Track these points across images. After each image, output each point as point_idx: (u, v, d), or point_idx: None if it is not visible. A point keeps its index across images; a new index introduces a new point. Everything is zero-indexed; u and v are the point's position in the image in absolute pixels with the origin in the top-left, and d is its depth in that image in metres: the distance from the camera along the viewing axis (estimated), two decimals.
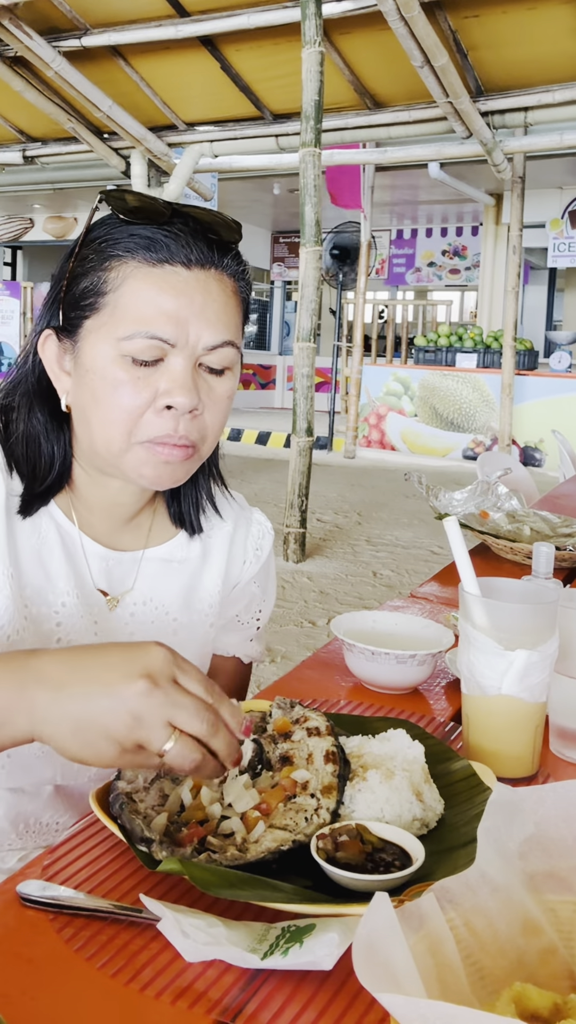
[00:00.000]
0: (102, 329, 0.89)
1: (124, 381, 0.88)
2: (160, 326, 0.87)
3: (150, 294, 0.87)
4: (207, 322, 0.89)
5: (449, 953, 0.51)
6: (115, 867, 0.73)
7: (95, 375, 0.90)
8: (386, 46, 6.48)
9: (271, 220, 14.62)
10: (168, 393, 0.89)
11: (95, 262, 0.90)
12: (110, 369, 0.89)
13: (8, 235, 15.17)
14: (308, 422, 5.13)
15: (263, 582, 1.18)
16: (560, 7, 6.08)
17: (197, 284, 0.89)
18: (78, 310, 0.91)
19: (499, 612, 0.90)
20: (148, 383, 0.89)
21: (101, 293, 0.89)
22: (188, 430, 0.91)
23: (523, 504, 1.99)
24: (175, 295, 0.88)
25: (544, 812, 0.57)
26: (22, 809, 0.98)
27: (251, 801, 0.75)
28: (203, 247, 0.90)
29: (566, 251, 10.38)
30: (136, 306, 0.87)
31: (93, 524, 1.01)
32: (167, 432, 0.90)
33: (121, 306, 0.88)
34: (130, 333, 0.87)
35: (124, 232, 0.89)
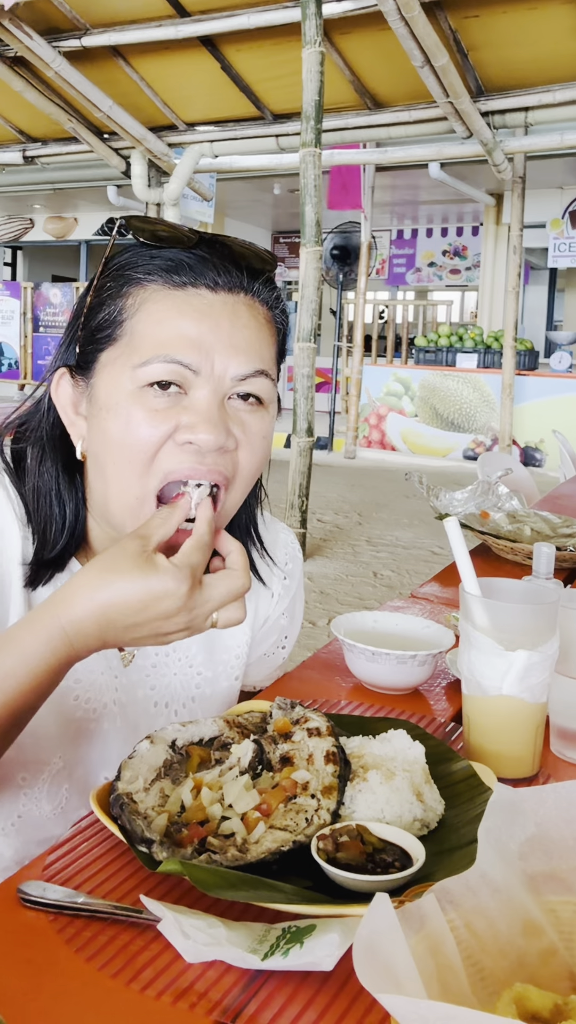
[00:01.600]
0: (118, 360, 0.80)
1: (141, 418, 0.78)
2: (181, 350, 0.78)
3: (169, 316, 0.79)
4: (235, 349, 0.80)
5: (450, 954, 0.51)
6: (115, 868, 0.73)
7: (110, 413, 0.80)
8: (386, 46, 6.48)
9: (271, 220, 14.61)
10: (191, 427, 0.78)
11: (112, 290, 0.82)
12: (125, 405, 0.79)
13: (8, 235, 15.17)
14: (308, 422, 5.13)
15: (292, 611, 1.10)
16: (560, 7, 6.08)
17: (224, 309, 0.80)
18: (93, 343, 0.82)
19: (500, 612, 0.90)
20: (168, 416, 0.79)
21: (118, 322, 0.80)
22: (218, 463, 0.80)
23: (524, 504, 1.99)
24: (198, 319, 0.79)
25: (545, 813, 0.57)
26: (30, 852, 0.94)
27: (251, 802, 0.75)
28: (231, 270, 0.81)
29: (566, 251, 10.38)
30: (155, 330, 0.79)
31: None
32: (190, 465, 0.79)
33: (139, 332, 0.79)
34: (147, 358, 0.78)
35: (145, 256, 0.82)
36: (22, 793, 0.91)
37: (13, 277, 16.24)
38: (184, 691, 1.00)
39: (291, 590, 1.09)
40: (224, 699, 1.05)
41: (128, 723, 0.97)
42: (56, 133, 8.99)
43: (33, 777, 0.91)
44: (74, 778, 0.94)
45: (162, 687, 0.98)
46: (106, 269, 0.84)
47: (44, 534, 0.88)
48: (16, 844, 0.93)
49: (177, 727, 0.85)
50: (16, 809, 0.91)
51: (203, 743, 0.85)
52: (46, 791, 0.92)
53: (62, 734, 0.92)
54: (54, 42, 7.20)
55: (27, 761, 0.90)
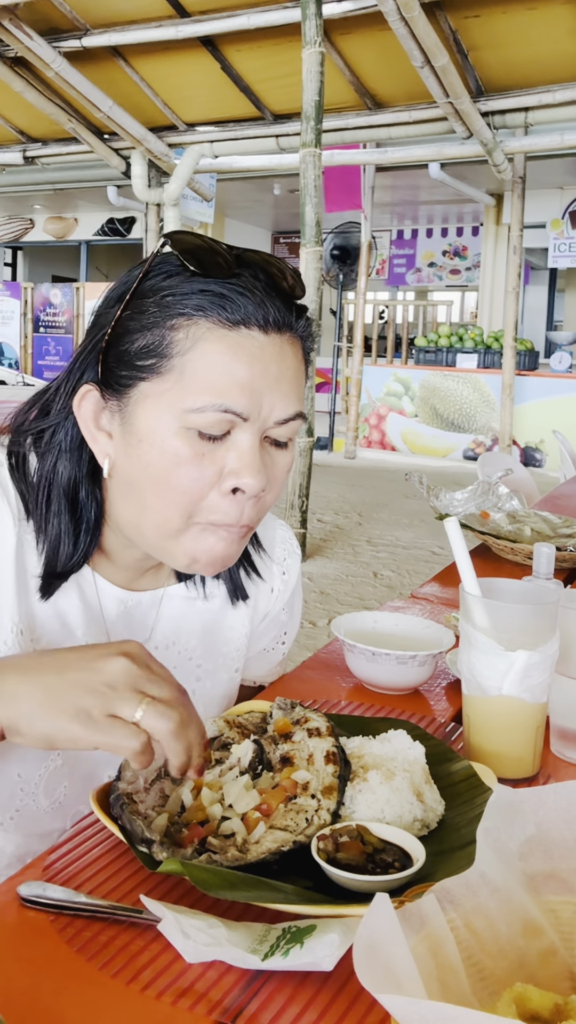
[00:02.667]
0: (165, 396, 0.79)
1: (186, 457, 0.79)
2: (234, 399, 0.78)
3: (224, 361, 0.78)
4: (281, 394, 0.81)
5: (450, 954, 0.51)
6: (115, 868, 0.73)
7: (152, 447, 0.80)
8: (386, 46, 6.48)
9: (271, 220, 14.62)
10: (236, 474, 0.80)
11: (157, 317, 0.79)
12: (171, 442, 0.79)
13: (8, 235, 15.18)
14: (308, 423, 5.13)
15: (291, 606, 1.11)
16: (560, 7, 6.08)
17: (273, 351, 0.80)
18: (133, 369, 0.80)
19: (500, 613, 0.90)
20: (213, 459, 0.80)
21: (165, 355, 0.79)
22: (251, 516, 0.83)
23: (524, 505, 1.99)
24: (250, 363, 0.79)
25: (545, 813, 0.57)
26: (30, 848, 0.94)
27: (252, 802, 0.75)
28: (279, 306, 0.81)
29: (566, 251, 10.38)
30: (209, 375, 0.78)
31: (111, 570, 0.94)
32: (231, 520, 0.82)
33: (190, 372, 0.78)
34: (201, 405, 0.78)
35: (191, 286, 0.79)
36: (19, 788, 0.91)
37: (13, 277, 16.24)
38: (184, 683, 0.99)
39: (290, 585, 1.09)
40: (224, 691, 1.05)
41: None
42: (56, 133, 8.99)
43: (30, 774, 0.91)
44: (74, 776, 0.94)
45: None
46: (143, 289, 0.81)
47: (56, 548, 0.87)
48: (16, 839, 0.93)
49: None
50: (13, 804, 0.91)
51: None
52: (43, 787, 0.92)
53: None
54: (54, 42, 7.20)
55: (24, 758, 0.90)
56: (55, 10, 6.93)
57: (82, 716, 0.68)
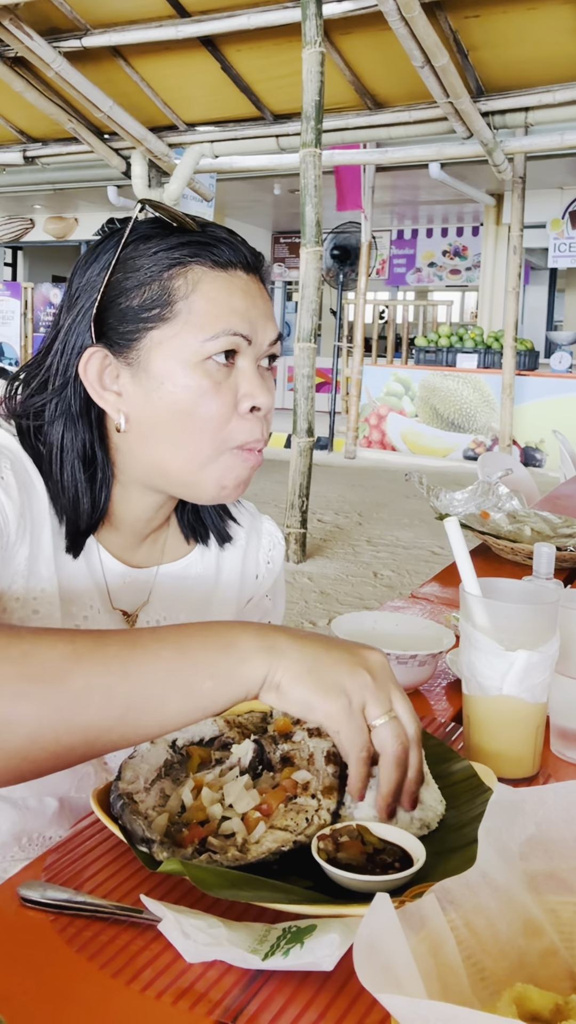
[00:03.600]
0: (177, 338, 0.88)
1: (208, 387, 0.88)
2: (239, 323, 0.89)
3: (223, 295, 0.89)
4: (268, 320, 0.93)
5: (450, 954, 0.51)
6: (116, 868, 0.73)
7: (176, 385, 0.88)
8: (387, 46, 6.48)
9: (271, 220, 14.61)
10: (251, 395, 0.90)
11: (153, 271, 0.88)
12: (191, 377, 0.88)
13: (9, 235, 15.17)
14: (309, 422, 5.13)
15: (274, 594, 1.17)
16: (560, 7, 6.08)
17: (254, 287, 0.92)
18: (139, 323, 0.88)
19: (500, 613, 0.90)
20: (228, 387, 0.89)
21: (169, 303, 0.88)
22: (264, 432, 0.93)
23: (524, 504, 1.99)
24: (244, 297, 0.90)
25: (545, 813, 0.57)
26: (26, 825, 0.96)
27: (252, 802, 0.75)
28: (246, 253, 0.92)
29: (567, 251, 10.38)
30: (213, 307, 0.88)
31: (112, 538, 0.99)
32: (256, 437, 0.91)
33: (196, 311, 0.88)
34: (215, 332, 0.87)
35: (176, 239, 0.89)
36: None
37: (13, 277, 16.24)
38: None
39: (274, 573, 1.15)
40: None
41: None
42: (56, 133, 8.99)
43: None
44: None
45: None
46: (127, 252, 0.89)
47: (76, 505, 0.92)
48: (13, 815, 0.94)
49: None
50: None
51: (203, 743, 0.85)
52: None
53: None
54: (54, 42, 7.20)
55: None
56: (55, 10, 6.93)
57: (343, 696, 0.71)
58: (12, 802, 0.95)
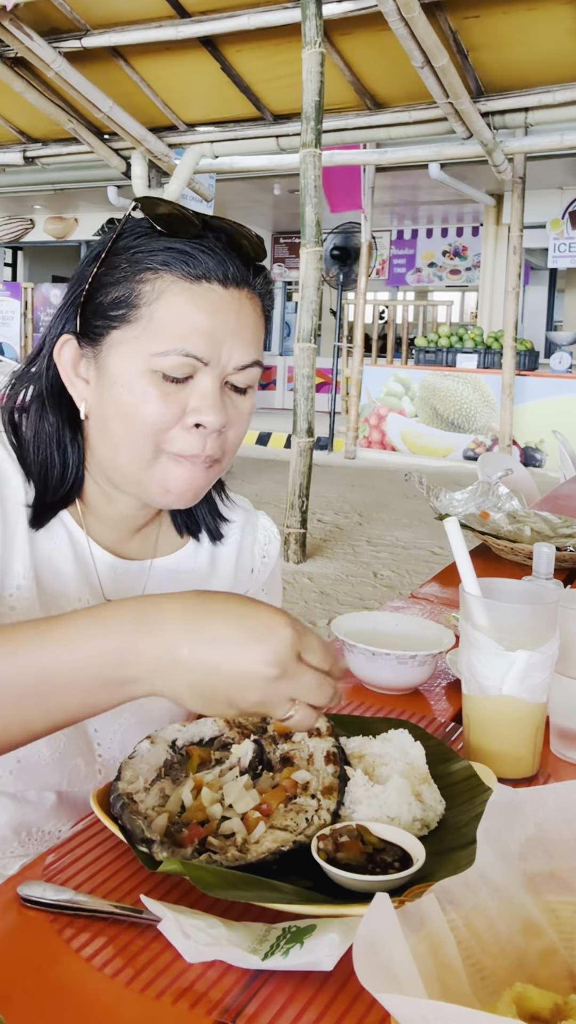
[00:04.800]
0: (134, 342, 0.87)
1: (153, 396, 0.87)
2: (195, 344, 0.86)
3: (187, 311, 0.86)
4: (240, 342, 0.89)
5: (450, 953, 0.51)
6: (116, 868, 0.73)
7: (123, 387, 0.88)
8: (386, 47, 6.48)
9: (271, 221, 14.61)
10: (198, 411, 0.88)
11: (127, 272, 0.88)
12: (139, 383, 0.87)
13: (9, 236, 15.17)
14: (309, 423, 5.13)
15: (270, 588, 1.17)
16: (560, 7, 6.08)
17: (232, 304, 0.88)
18: (106, 319, 0.89)
19: (500, 613, 0.90)
20: (177, 399, 0.88)
21: (134, 305, 0.87)
22: (213, 449, 0.90)
23: (524, 505, 1.99)
24: (211, 313, 0.87)
25: (545, 813, 0.57)
26: (25, 819, 0.96)
27: (252, 802, 0.75)
28: (239, 264, 0.89)
29: (566, 252, 10.37)
30: (172, 322, 0.86)
31: (102, 531, 0.99)
32: (194, 451, 0.89)
33: (156, 320, 0.87)
34: (164, 349, 0.86)
35: (159, 244, 0.88)
36: None
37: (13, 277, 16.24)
38: None
39: (268, 567, 1.15)
40: None
41: None
42: (56, 134, 8.99)
43: None
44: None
45: None
46: (117, 248, 0.89)
47: (45, 479, 0.94)
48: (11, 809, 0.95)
49: (177, 727, 0.85)
50: (16, 753, 0.92)
51: (203, 743, 0.85)
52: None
53: None
54: (54, 43, 7.20)
55: None
56: (55, 10, 6.93)
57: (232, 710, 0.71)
58: (10, 796, 0.96)
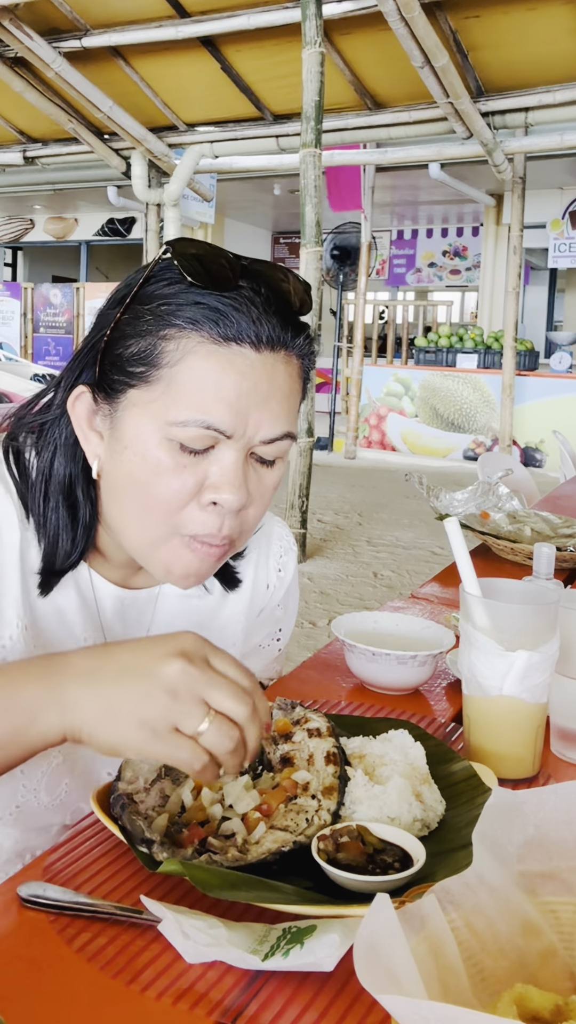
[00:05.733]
0: (151, 405, 0.79)
1: (167, 468, 0.79)
2: (218, 415, 0.77)
3: (212, 377, 0.77)
4: (269, 413, 0.80)
5: (450, 954, 0.51)
6: (116, 868, 0.73)
7: (135, 455, 0.80)
8: (386, 46, 6.48)
9: (271, 221, 14.61)
10: (216, 488, 0.79)
11: (151, 326, 0.79)
12: (153, 451, 0.79)
13: (8, 236, 15.17)
14: (308, 423, 5.13)
15: (286, 603, 1.12)
16: (560, 7, 6.08)
17: (264, 369, 0.79)
18: (124, 375, 0.80)
19: (500, 613, 0.90)
20: (194, 472, 0.79)
21: (155, 365, 0.78)
22: (231, 528, 0.82)
23: (524, 505, 1.99)
24: (239, 381, 0.78)
25: (544, 814, 0.57)
26: (29, 843, 0.94)
27: (252, 802, 0.75)
28: (275, 324, 0.79)
29: (567, 252, 10.37)
30: (194, 389, 0.77)
31: (107, 567, 0.94)
32: (210, 532, 0.81)
33: (176, 384, 0.78)
34: (184, 419, 0.77)
35: (188, 297, 0.78)
36: (20, 785, 0.91)
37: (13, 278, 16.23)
38: None
39: (285, 582, 1.10)
40: None
41: None
42: (56, 134, 8.98)
43: (32, 770, 0.91)
44: (75, 773, 0.94)
45: None
46: (143, 295, 0.81)
47: (56, 542, 0.87)
48: (15, 834, 0.93)
49: None
50: (14, 800, 0.91)
51: None
52: (44, 784, 0.92)
53: None
54: (54, 43, 7.19)
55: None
56: (55, 10, 6.93)
57: (144, 729, 0.67)
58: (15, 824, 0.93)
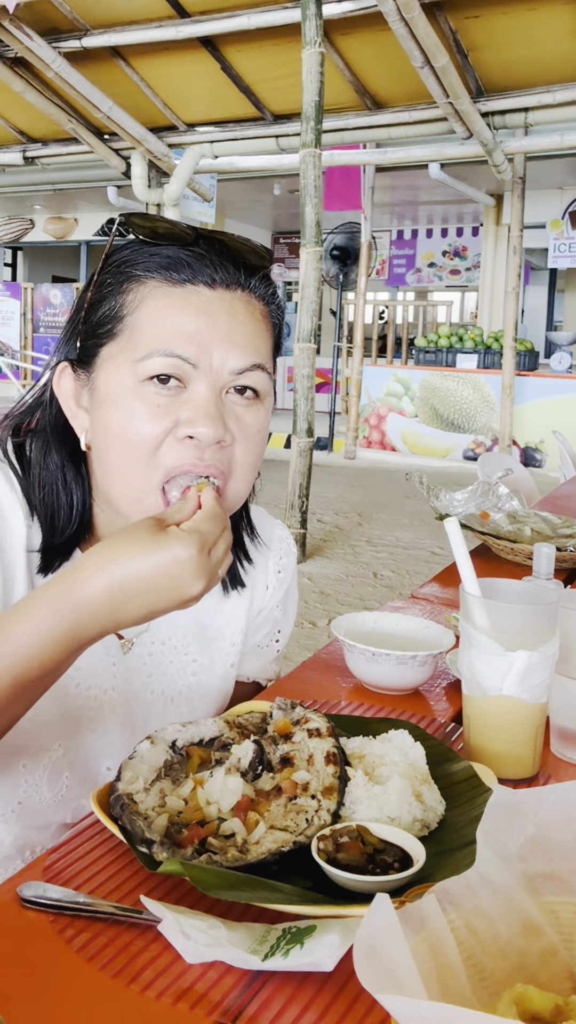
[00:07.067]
0: (119, 355, 0.82)
1: (141, 413, 0.81)
2: (179, 344, 0.80)
3: (169, 313, 0.81)
4: (233, 344, 0.82)
5: (450, 954, 0.51)
6: (116, 868, 0.73)
7: (111, 406, 0.82)
8: (386, 47, 6.48)
9: (271, 221, 14.61)
10: (190, 422, 0.81)
11: (112, 286, 0.84)
12: (127, 399, 0.81)
13: (8, 236, 15.17)
14: (308, 423, 5.13)
15: (285, 604, 1.13)
16: (560, 7, 6.08)
17: (221, 306, 0.82)
18: (95, 338, 0.85)
19: (500, 613, 0.90)
20: (168, 411, 0.81)
21: (118, 318, 0.83)
22: (215, 458, 0.83)
23: (524, 505, 1.99)
24: (196, 315, 0.81)
25: (544, 814, 0.57)
26: (29, 840, 0.95)
27: (234, 796, 0.75)
28: (229, 267, 0.84)
29: (566, 252, 10.37)
30: (154, 326, 0.81)
31: None
32: (190, 460, 0.81)
33: (139, 329, 0.81)
34: (147, 352, 0.80)
35: (144, 253, 0.84)
36: (23, 780, 0.91)
37: (13, 278, 16.23)
38: (180, 679, 1.02)
39: (284, 583, 1.11)
40: (220, 687, 1.06)
41: (127, 711, 0.98)
42: (56, 134, 8.99)
43: (33, 764, 0.91)
44: (75, 766, 0.95)
45: (159, 674, 1.00)
46: (106, 265, 0.86)
47: (52, 522, 0.89)
48: (16, 831, 0.93)
49: (177, 727, 0.85)
50: (17, 796, 0.92)
51: (203, 743, 0.85)
52: (46, 778, 0.92)
53: (63, 721, 0.93)
54: (54, 43, 7.20)
55: (28, 747, 0.91)
56: (55, 10, 6.94)
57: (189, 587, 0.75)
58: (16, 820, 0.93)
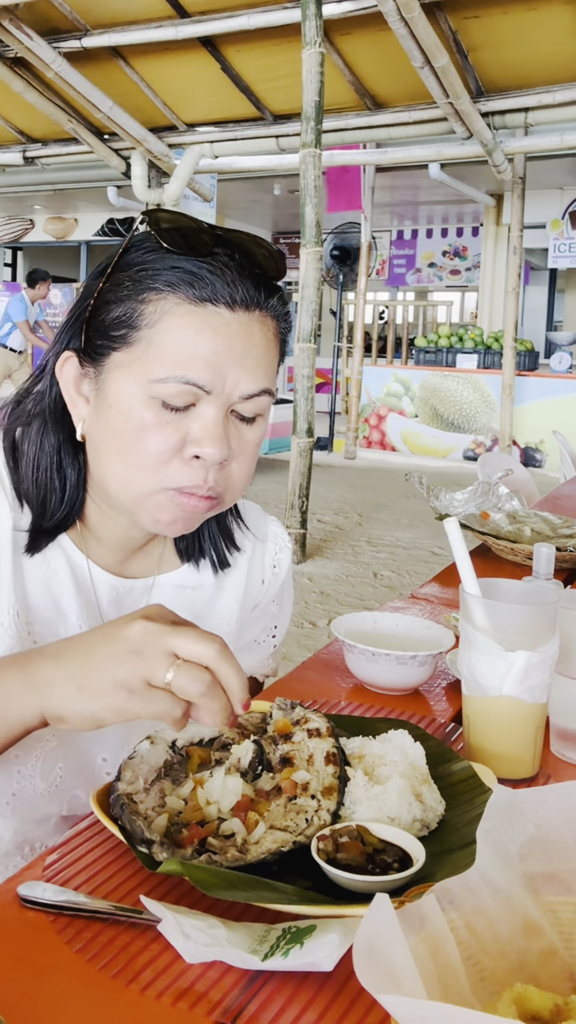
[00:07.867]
0: (133, 366, 0.83)
1: (151, 425, 0.83)
2: (197, 371, 0.81)
3: (189, 335, 0.81)
4: (246, 370, 0.84)
5: (450, 954, 0.51)
6: (115, 868, 0.73)
7: (119, 413, 0.84)
8: (386, 47, 6.48)
9: (271, 221, 14.61)
10: (198, 442, 0.83)
11: (130, 291, 0.83)
12: (136, 409, 0.83)
13: (8, 236, 15.17)
14: (308, 423, 5.13)
15: (281, 599, 1.14)
16: (560, 7, 6.08)
17: (239, 328, 0.83)
18: (106, 339, 0.85)
19: (500, 613, 0.90)
20: (176, 428, 0.83)
21: (135, 327, 0.83)
22: (216, 481, 0.85)
23: (524, 505, 1.99)
24: (215, 338, 0.82)
25: (544, 814, 0.57)
26: (28, 835, 0.95)
27: (234, 796, 0.75)
28: (249, 286, 0.84)
29: (566, 252, 10.37)
30: (173, 347, 0.82)
31: (102, 552, 0.96)
32: (195, 483, 0.84)
33: (156, 344, 0.82)
34: (164, 376, 0.81)
35: (165, 262, 0.83)
36: (16, 771, 0.92)
37: (13, 278, 16.23)
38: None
39: (280, 578, 1.12)
40: None
41: None
42: (56, 134, 8.99)
43: (26, 754, 0.92)
44: (68, 757, 0.95)
45: None
46: (123, 263, 0.85)
47: (44, 503, 0.91)
48: (14, 825, 0.93)
49: None
50: (10, 787, 0.92)
51: (203, 743, 0.85)
52: (39, 769, 0.93)
53: None
54: (54, 43, 7.20)
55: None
56: (55, 10, 6.93)
57: (119, 689, 0.70)
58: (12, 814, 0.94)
